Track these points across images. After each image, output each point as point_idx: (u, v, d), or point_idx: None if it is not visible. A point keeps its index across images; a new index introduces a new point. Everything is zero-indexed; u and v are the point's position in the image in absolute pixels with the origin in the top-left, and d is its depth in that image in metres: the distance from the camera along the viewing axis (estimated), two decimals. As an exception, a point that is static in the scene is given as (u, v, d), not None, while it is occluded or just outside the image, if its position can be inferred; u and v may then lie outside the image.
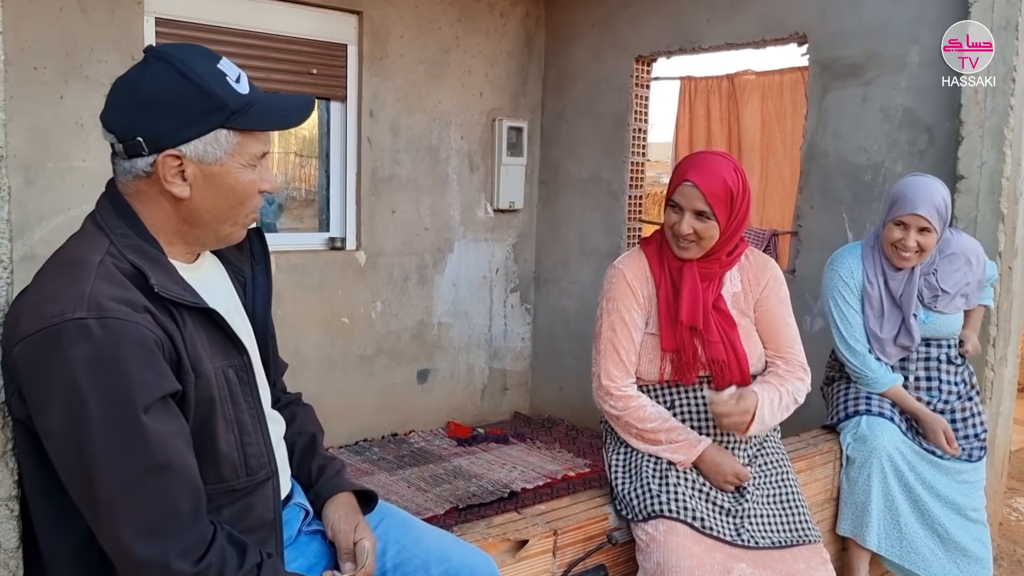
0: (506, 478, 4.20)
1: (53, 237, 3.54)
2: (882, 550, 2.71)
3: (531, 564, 2.05)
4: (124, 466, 1.13)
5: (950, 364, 2.83)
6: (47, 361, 1.13)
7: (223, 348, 1.32)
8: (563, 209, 5.11)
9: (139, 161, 1.25)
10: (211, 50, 1.31)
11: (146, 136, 1.23)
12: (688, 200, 2.11)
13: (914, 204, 2.63)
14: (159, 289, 1.21)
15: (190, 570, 1.15)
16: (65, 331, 1.12)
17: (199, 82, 1.24)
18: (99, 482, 1.13)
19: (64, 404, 1.13)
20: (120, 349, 1.13)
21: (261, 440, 1.37)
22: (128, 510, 1.13)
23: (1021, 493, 4.31)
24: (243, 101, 1.27)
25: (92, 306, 1.14)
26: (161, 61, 1.25)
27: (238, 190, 1.31)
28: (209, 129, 1.25)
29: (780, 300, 2.28)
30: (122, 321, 1.15)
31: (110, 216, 1.28)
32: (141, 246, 1.26)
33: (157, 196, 1.28)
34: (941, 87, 3.32)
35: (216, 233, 1.35)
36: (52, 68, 3.48)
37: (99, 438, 1.12)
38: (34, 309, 1.17)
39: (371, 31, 4.40)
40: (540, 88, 5.18)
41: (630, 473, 2.23)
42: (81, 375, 1.12)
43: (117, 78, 1.30)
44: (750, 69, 4.74)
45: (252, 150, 1.30)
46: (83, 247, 1.25)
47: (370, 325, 4.64)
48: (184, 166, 1.26)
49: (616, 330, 2.23)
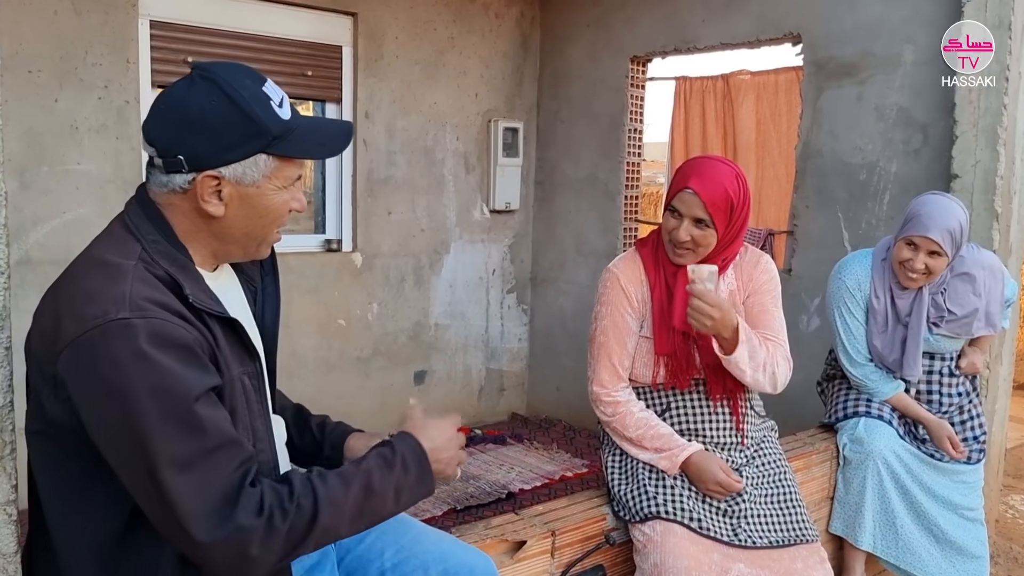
0: (504, 479, 4.20)
1: (48, 241, 3.53)
2: (877, 550, 2.71)
3: (529, 565, 2.05)
4: (187, 454, 1.15)
5: (952, 377, 2.81)
6: (95, 363, 1.15)
7: (240, 356, 1.34)
8: (559, 209, 5.11)
9: (177, 177, 1.26)
10: (256, 72, 1.31)
11: (187, 155, 1.25)
12: (688, 207, 2.09)
13: (927, 226, 2.55)
14: (193, 299, 1.24)
15: (257, 521, 1.17)
16: (110, 331, 1.14)
17: (244, 106, 1.25)
18: (164, 473, 1.14)
19: (118, 404, 1.14)
20: (165, 347, 1.16)
21: (269, 447, 1.40)
22: (195, 497, 1.15)
23: (1017, 491, 4.32)
24: (284, 127, 1.28)
25: (134, 307, 1.16)
26: (208, 81, 1.26)
27: (271, 211, 1.33)
28: (250, 154, 1.27)
29: (767, 292, 2.25)
30: (163, 322, 1.17)
31: (141, 221, 1.29)
32: (171, 253, 1.28)
33: (190, 211, 1.30)
34: (935, 86, 3.33)
35: (244, 249, 1.38)
36: (47, 71, 3.48)
37: (157, 431, 1.14)
38: (74, 311, 1.18)
39: (366, 32, 4.40)
40: (536, 88, 5.18)
41: (626, 474, 2.23)
42: (131, 373, 1.13)
43: (163, 91, 1.30)
44: (745, 69, 4.75)
45: (288, 173, 1.32)
46: (114, 250, 1.26)
47: (367, 327, 4.63)
48: (221, 186, 1.27)
49: (609, 335, 2.23)
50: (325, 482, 1.26)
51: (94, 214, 3.64)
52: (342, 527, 1.27)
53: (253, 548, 1.17)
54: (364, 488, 1.28)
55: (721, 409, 2.23)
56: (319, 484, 1.25)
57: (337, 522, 1.25)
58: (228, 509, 1.16)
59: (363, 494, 1.28)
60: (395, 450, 1.35)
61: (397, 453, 1.35)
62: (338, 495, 1.26)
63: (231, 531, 1.16)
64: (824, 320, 3.71)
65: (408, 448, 1.37)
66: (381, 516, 1.34)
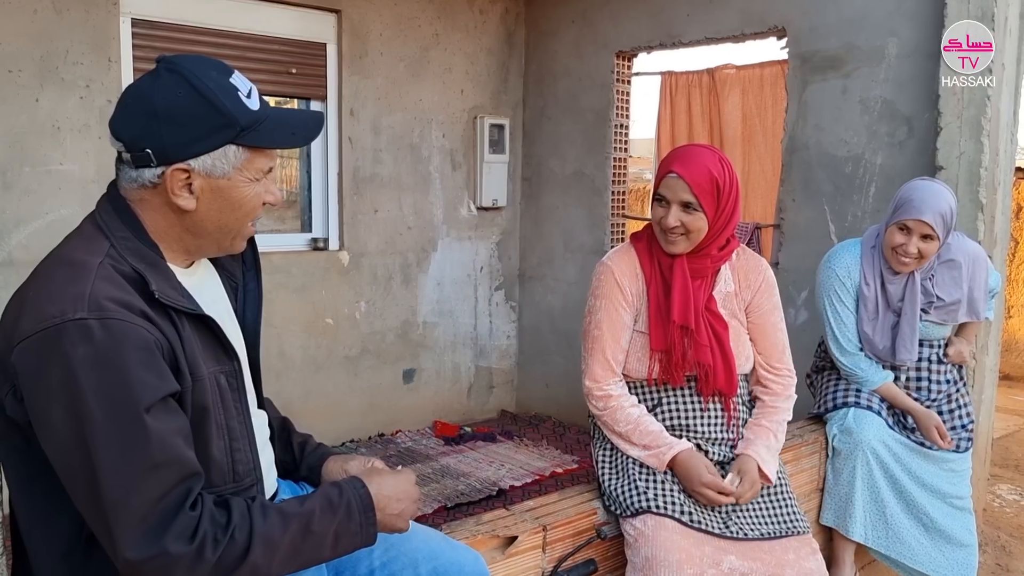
0: (494, 476, 4.19)
1: (31, 242, 3.50)
2: (868, 541, 2.72)
3: (520, 560, 2.04)
4: (127, 466, 1.12)
5: (940, 364, 2.83)
6: (47, 362, 1.12)
7: (215, 354, 1.32)
8: (547, 206, 5.10)
9: (146, 172, 1.25)
10: (224, 63, 1.30)
11: (155, 148, 1.23)
12: (673, 192, 2.09)
13: (920, 210, 2.57)
14: (159, 295, 1.21)
15: (187, 549, 1.14)
16: (66, 332, 1.12)
17: (211, 98, 1.23)
18: (102, 482, 1.12)
19: (65, 405, 1.12)
20: (121, 350, 1.13)
21: (248, 446, 1.37)
22: (129, 511, 1.12)
23: (1004, 480, 4.35)
24: (253, 117, 1.27)
25: (93, 307, 1.14)
26: (174, 74, 1.24)
27: (244, 203, 1.31)
28: (219, 145, 1.25)
29: (774, 306, 2.28)
30: (122, 322, 1.15)
31: (111, 218, 1.27)
32: (141, 250, 1.26)
33: (161, 206, 1.28)
34: (920, 79, 3.34)
35: (218, 244, 1.36)
36: (27, 71, 3.44)
37: (101, 438, 1.11)
38: (33, 309, 1.16)
39: (350, 30, 4.38)
40: (521, 85, 5.17)
41: (617, 469, 2.23)
42: (82, 376, 1.11)
43: (128, 85, 1.29)
44: (730, 63, 4.75)
45: (259, 165, 1.31)
46: (82, 248, 1.24)
47: (354, 325, 4.61)
48: (192, 179, 1.26)
49: (603, 328, 2.22)
50: (265, 517, 1.22)
51: (77, 215, 3.55)
52: (272, 566, 1.22)
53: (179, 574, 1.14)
54: (303, 529, 1.24)
55: (713, 406, 2.22)
56: (257, 518, 1.21)
57: (268, 561, 1.21)
58: (160, 530, 1.13)
59: (300, 535, 1.24)
60: (342, 493, 1.31)
61: (343, 497, 1.31)
62: (274, 533, 1.21)
63: (157, 553, 1.12)
64: (812, 313, 3.72)
65: (355, 494, 1.32)
66: (316, 560, 1.29)
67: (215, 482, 1.29)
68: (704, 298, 2.18)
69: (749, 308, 2.26)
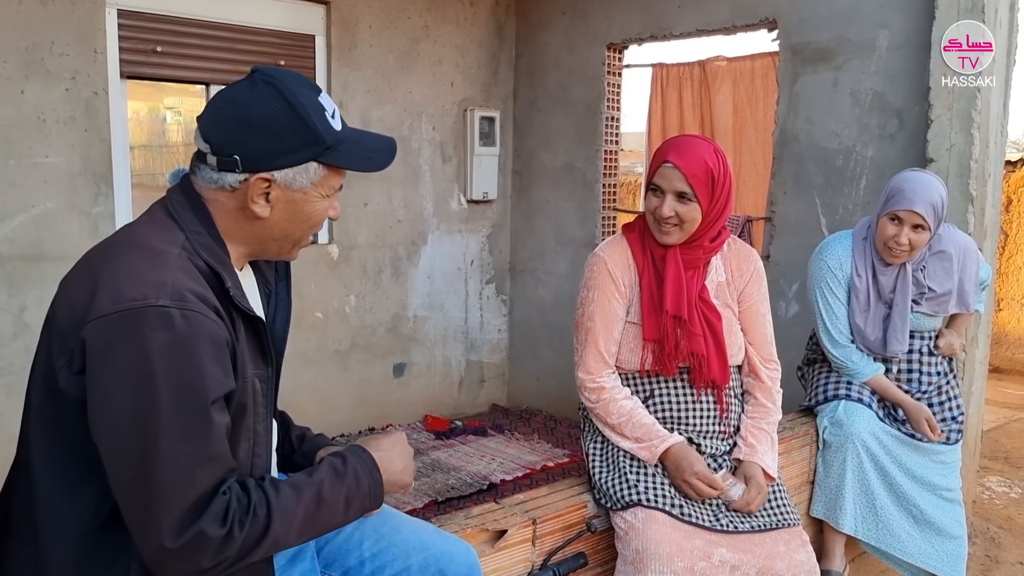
0: (485, 470, 4.19)
1: (17, 236, 3.47)
2: (858, 533, 2.72)
3: (510, 554, 2.03)
4: (186, 455, 1.15)
5: (931, 356, 2.83)
6: (122, 342, 1.14)
7: (255, 358, 1.35)
8: (537, 199, 5.09)
9: (229, 176, 1.29)
10: (312, 82, 1.36)
11: (243, 156, 1.27)
12: (668, 182, 2.08)
13: (911, 200, 2.57)
14: (234, 294, 1.27)
15: (220, 532, 1.17)
16: (147, 316, 1.14)
17: (303, 114, 1.28)
18: (157, 468, 1.14)
19: (135, 388, 1.13)
20: (197, 341, 1.16)
21: (266, 452, 1.40)
22: (177, 499, 1.15)
23: (993, 472, 4.37)
24: (337, 137, 1.33)
25: (175, 296, 1.17)
26: (271, 87, 1.29)
27: (312, 217, 1.37)
28: (304, 160, 1.30)
29: (763, 297, 2.30)
30: (200, 315, 1.18)
31: (185, 211, 1.30)
32: (212, 247, 1.30)
33: (235, 209, 1.32)
34: (910, 71, 3.34)
35: (280, 250, 1.41)
36: (12, 62, 3.40)
37: (166, 424, 1.14)
38: (111, 289, 1.17)
39: (339, 21, 4.35)
40: (512, 77, 5.15)
41: (607, 462, 2.22)
42: (157, 361, 1.13)
43: (223, 90, 1.33)
44: (721, 55, 4.73)
45: (333, 183, 1.37)
46: (158, 236, 1.26)
47: (344, 319, 4.59)
48: (271, 189, 1.31)
49: (596, 320, 2.20)
50: (278, 491, 1.26)
51: (63, 208, 3.57)
52: (291, 537, 1.27)
53: (207, 558, 1.17)
54: (315, 498, 1.29)
55: (705, 398, 2.22)
56: (272, 493, 1.25)
57: (287, 532, 1.25)
58: (196, 515, 1.16)
59: (314, 504, 1.29)
60: (346, 461, 1.37)
61: (348, 464, 1.36)
62: (289, 504, 1.26)
63: (193, 537, 1.15)
64: (803, 306, 3.72)
65: (359, 459, 1.38)
66: (330, 526, 1.35)
67: None
68: (697, 288, 2.17)
69: (740, 298, 2.27)
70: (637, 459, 2.15)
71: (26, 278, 3.51)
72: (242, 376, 1.27)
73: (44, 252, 3.55)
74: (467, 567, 1.60)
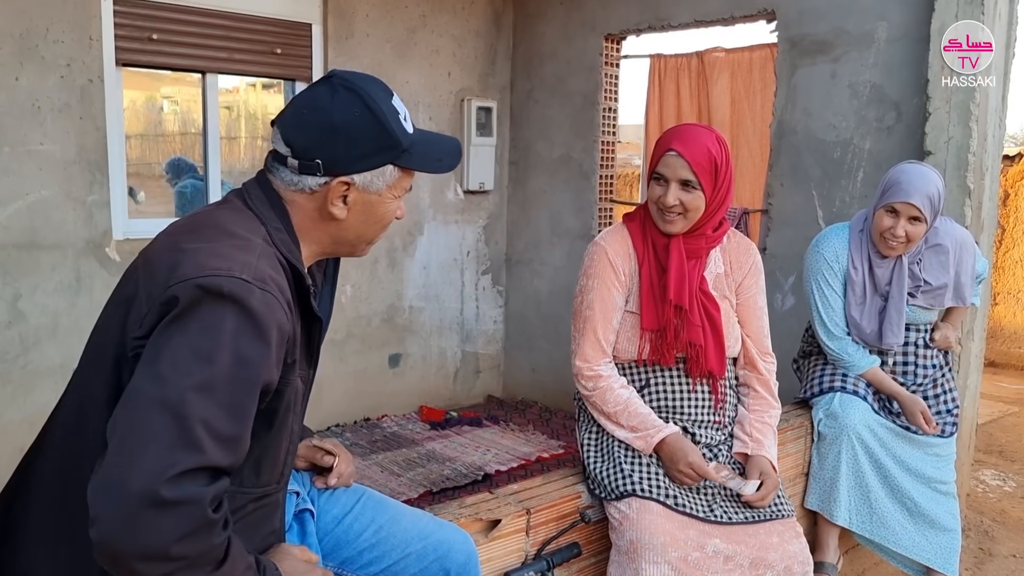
0: (480, 461, 4.19)
1: (11, 223, 3.45)
2: (852, 525, 2.73)
3: (504, 544, 2.03)
4: (216, 422, 1.11)
5: (926, 349, 2.82)
6: (201, 302, 1.14)
7: (304, 359, 1.36)
8: (534, 190, 5.08)
9: (310, 179, 1.31)
10: (386, 84, 1.39)
11: (325, 160, 1.30)
12: (673, 170, 2.08)
13: (908, 192, 2.56)
14: (314, 292, 1.31)
15: (213, 516, 1.10)
16: (229, 284, 1.15)
17: (383, 119, 1.31)
18: (190, 422, 1.08)
19: (198, 345, 1.12)
20: (267, 322, 1.17)
21: (294, 452, 1.42)
22: (191, 450, 1.08)
23: (987, 465, 4.38)
24: (411, 140, 1.36)
25: (258, 276, 1.19)
26: (351, 92, 1.31)
27: (385, 218, 1.40)
28: (382, 164, 1.33)
29: (760, 290, 2.30)
30: (276, 301, 1.20)
31: (264, 207, 1.33)
32: (290, 244, 1.32)
33: (312, 210, 1.35)
34: (909, 64, 3.33)
35: (352, 250, 1.44)
36: (6, 49, 3.38)
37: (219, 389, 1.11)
38: (197, 259, 1.18)
39: (336, 10, 4.33)
40: (509, 67, 5.13)
41: (602, 452, 2.22)
42: (229, 326, 1.14)
43: (301, 94, 1.36)
44: (719, 46, 4.72)
45: (405, 184, 1.39)
46: (242, 225, 1.28)
47: (340, 309, 4.58)
48: (349, 192, 1.33)
49: (595, 308, 2.20)
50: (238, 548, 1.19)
51: (58, 195, 3.56)
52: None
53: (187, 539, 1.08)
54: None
55: (701, 388, 2.22)
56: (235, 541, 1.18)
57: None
58: (200, 485, 1.09)
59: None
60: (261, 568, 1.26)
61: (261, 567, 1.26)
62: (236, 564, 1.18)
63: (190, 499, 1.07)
64: (799, 298, 3.72)
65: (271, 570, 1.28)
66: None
67: (263, 481, 1.32)
68: (698, 278, 2.17)
69: (739, 290, 2.27)
70: (632, 449, 2.15)
71: (20, 266, 3.49)
72: (292, 375, 1.28)
73: (38, 240, 3.53)
74: (465, 555, 1.62)
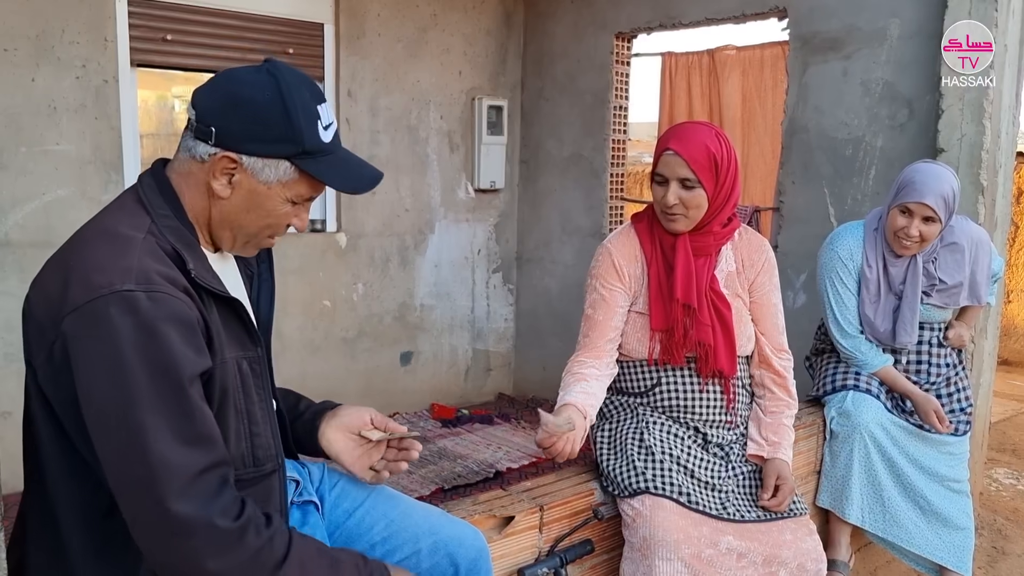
0: (491, 458, 4.20)
1: (28, 223, 3.48)
2: (864, 523, 2.73)
3: (518, 540, 2.04)
4: (172, 433, 1.15)
5: (940, 347, 2.82)
6: (94, 331, 1.15)
7: (240, 339, 1.35)
8: (544, 188, 5.08)
9: (201, 146, 1.29)
10: (320, 91, 1.36)
11: (219, 129, 1.28)
12: (671, 169, 2.08)
13: (922, 192, 2.55)
14: (195, 275, 1.26)
15: (232, 525, 1.17)
16: (114, 302, 1.15)
17: (292, 112, 1.28)
18: (147, 449, 1.13)
19: (111, 374, 1.14)
20: (165, 322, 1.17)
21: (269, 432, 1.40)
22: (175, 476, 1.14)
23: (1001, 464, 4.36)
24: (319, 147, 1.32)
25: (140, 279, 1.17)
26: (272, 77, 1.29)
27: (271, 216, 1.35)
28: (276, 155, 1.30)
29: (775, 287, 2.29)
30: (167, 296, 1.19)
31: (154, 195, 1.32)
32: (179, 229, 1.30)
33: (200, 184, 1.32)
34: (921, 60, 3.32)
35: (232, 240, 1.39)
36: (23, 50, 3.41)
37: (147, 405, 1.14)
38: (81, 279, 1.18)
39: (347, 10, 4.34)
40: (520, 66, 5.14)
41: (615, 449, 2.23)
42: (127, 346, 1.14)
43: (231, 68, 1.35)
44: (731, 44, 4.72)
45: (301, 191, 1.34)
46: (125, 222, 1.27)
47: (352, 308, 4.60)
48: (236, 171, 1.30)
49: (596, 308, 2.22)
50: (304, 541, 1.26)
51: (74, 195, 3.59)
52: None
53: (211, 550, 1.15)
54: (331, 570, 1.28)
55: (712, 388, 2.22)
56: (297, 539, 1.25)
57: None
58: (206, 500, 1.15)
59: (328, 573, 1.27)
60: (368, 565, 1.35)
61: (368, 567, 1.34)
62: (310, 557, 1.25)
63: (204, 518, 1.14)
64: (811, 296, 3.71)
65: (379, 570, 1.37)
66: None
67: (234, 466, 1.30)
68: (707, 277, 2.17)
69: (752, 287, 2.26)
70: (645, 446, 2.16)
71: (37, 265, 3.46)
72: (220, 358, 1.27)
73: (54, 239, 3.53)
74: (476, 551, 1.62)
